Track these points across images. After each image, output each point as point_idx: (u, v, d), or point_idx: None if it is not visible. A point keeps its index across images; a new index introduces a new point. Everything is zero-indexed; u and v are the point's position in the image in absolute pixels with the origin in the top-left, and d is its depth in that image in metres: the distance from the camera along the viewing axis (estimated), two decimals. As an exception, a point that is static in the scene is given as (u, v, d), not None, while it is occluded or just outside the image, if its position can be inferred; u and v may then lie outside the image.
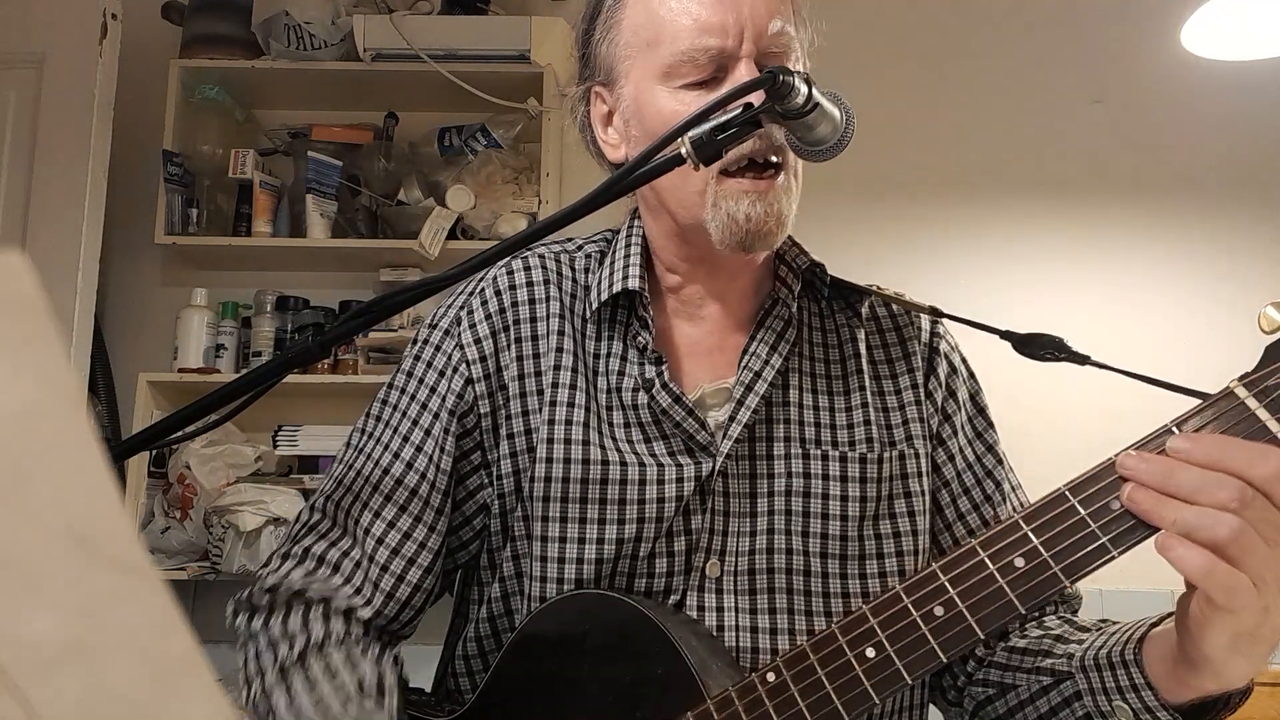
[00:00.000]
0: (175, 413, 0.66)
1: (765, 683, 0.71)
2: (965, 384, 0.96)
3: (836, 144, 0.77)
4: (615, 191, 0.71)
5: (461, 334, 0.91)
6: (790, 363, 0.90)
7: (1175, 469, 0.64)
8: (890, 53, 2.51)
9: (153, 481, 2.28)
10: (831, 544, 0.85)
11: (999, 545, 0.68)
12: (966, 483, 0.92)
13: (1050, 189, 2.46)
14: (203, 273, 2.42)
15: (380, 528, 0.88)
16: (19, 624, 0.23)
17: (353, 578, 0.87)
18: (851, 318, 0.95)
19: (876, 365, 0.93)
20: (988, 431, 0.95)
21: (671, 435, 0.87)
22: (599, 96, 0.93)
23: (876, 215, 2.45)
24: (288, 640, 0.82)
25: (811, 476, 0.86)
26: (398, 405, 0.92)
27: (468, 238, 2.30)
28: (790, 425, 0.88)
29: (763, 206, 0.84)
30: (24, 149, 2.12)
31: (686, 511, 0.84)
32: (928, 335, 0.96)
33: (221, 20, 2.38)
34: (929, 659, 0.67)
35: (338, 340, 0.73)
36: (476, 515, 0.91)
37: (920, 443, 0.90)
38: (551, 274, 0.93)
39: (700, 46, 0.83)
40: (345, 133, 2.40)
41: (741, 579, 0.84)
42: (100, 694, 0.24)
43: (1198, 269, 2.41)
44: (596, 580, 0.83)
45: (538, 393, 0.88)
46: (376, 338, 2.25)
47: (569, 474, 0.85)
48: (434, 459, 0.88)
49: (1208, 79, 2.39)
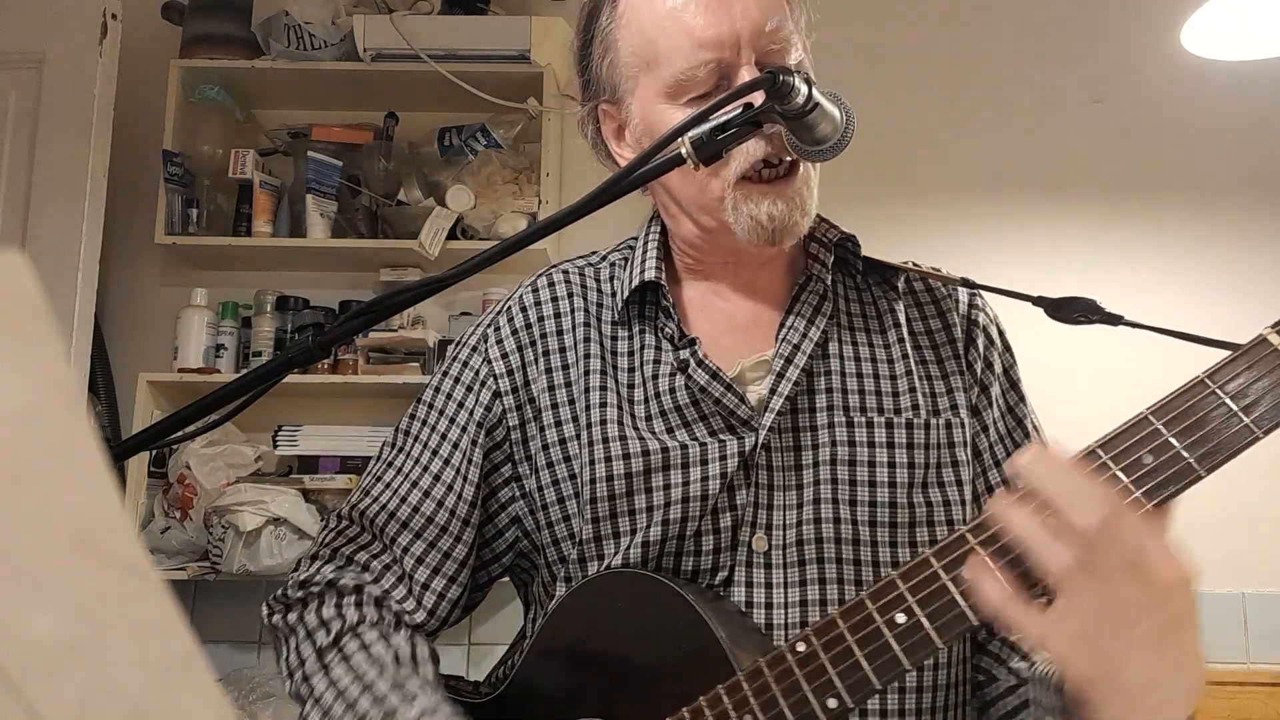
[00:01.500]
0: (175, 413, 0.66)
1: (795, 653, 0.70)
2: (1001, 357, 0.96)
3: (837, 144, 0.77)
4: (615, 191, 0.71)
5: (489, 349, 0.93)
6: (830, 333, 0.90)
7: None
8: (890, 53, 2.51)
9: (153, 481, 2.28)
10: (881, 511, 0.84)
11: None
12: (998, 455, 0.92)
13: (1050, 189, 2.46)
14: (203, 273, 2.42)
15: (406, 538, 0.90)
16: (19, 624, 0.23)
17: (382, 580, 0.90)
18: (888, 291, 0.95)
19: (917, 336, 0.93)
20: (1019, 405, 0.95)
21: (711, 415, 0.86)
22: (607, 114, 0.94)
23: (876, 215, 2.45)
24: (324, 627, 0.85)
25: (858, 444, 0.86)
26: (426, 420, 0.93)
27: (468, 238, 2.30)
28: (834, 394, 0.88)
29: (784, 203, 0.84)
30: (24, 149, 2.12)
31: (731, 488, 0.84)
32: (966, 307, 0.96)
33: (221, 20, 2.38)
34: (960, 622, 0.66)
35: (338, 340, 0.73)
36: (509, 527, 0.92)
37: (965, 413, 0.90)
38: (575, 287, 0.95)
39: (698, 63, 0.83)
40: (345, 133, 2.40)
41: (790, 551, 0.83)
42: (100, 694, 0.24)
43: (1198, 269, 2.41)
44: (644, 564, 0.83)
45: (569, 402, 0.89)
46: (376, 338, 2.24)
47: (612, 472, 0.85)
48: (463, 473, 0.90)
49: (1208, 79, 2.39)
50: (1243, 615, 2.23)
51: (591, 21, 0.93)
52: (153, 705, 0.25)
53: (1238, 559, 2.22)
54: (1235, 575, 2.23)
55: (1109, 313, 0.83)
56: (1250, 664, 2.21)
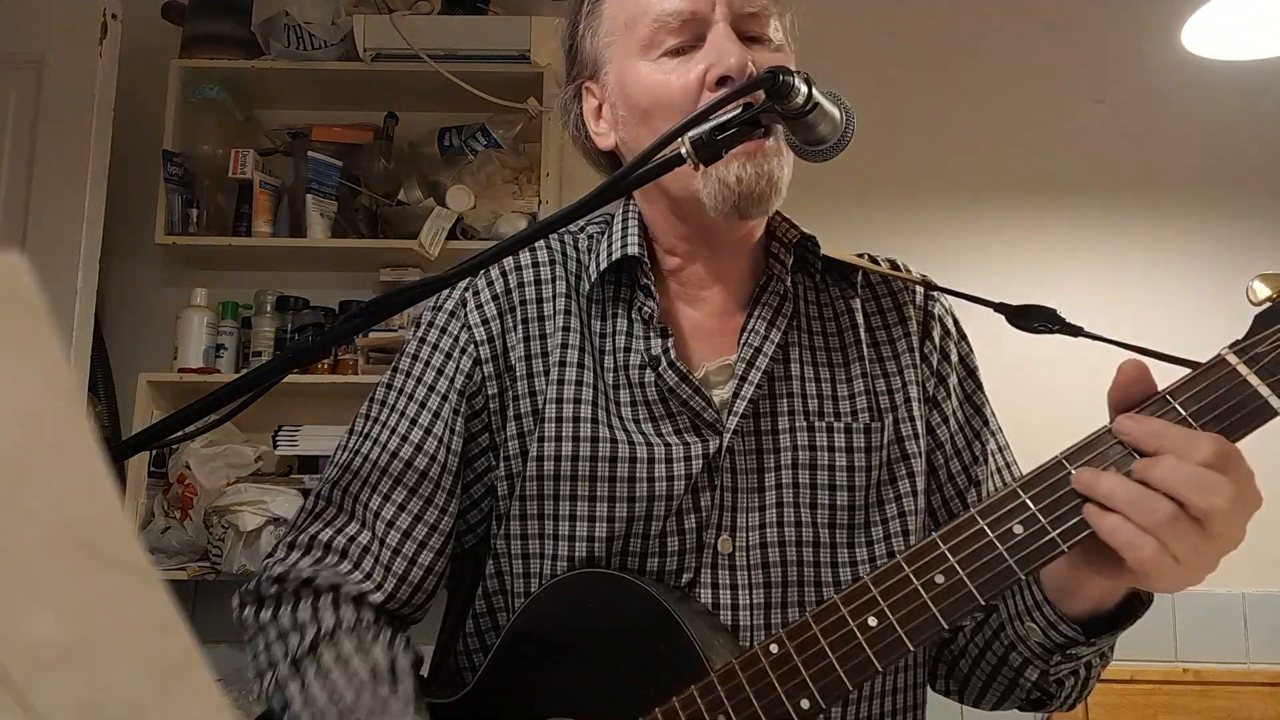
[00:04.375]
0: (175, 413, 0.67)
1: (768, 654, 0.71)
2: (957, 346, 0.97)
3: (837, 144, 0.77)
4: (616, 191, 0.71)
5: (468, 314, 0.90)
6: (790, 337, 0.91)
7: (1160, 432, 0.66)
8: (890, 52, 2.51)
9: (153, 481, 2.28)
10: (840, 514, 0.86)
11: (998, 513, 0.68)
12: (958, 444, 0.94)
13: (1050, 189, 2.46)
14: (203, 273, 2.42)
15: (390, 511, 0.87)
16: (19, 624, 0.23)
17: (361, 563, 0.86)
18: (847, 289, 0.95)
19: (874, 332, 0.94)
20: (976, 393, 0.97)
21: (678, 414, 0.87)
22: (588, 91, 0.94)
23: (875, 215, 2.45)
24: (298, 631, 0.82)
25: (817, 449, 0.87)
26: (403, 389, 0.90)
27: (468, 238, 2.30)
28: (794, 399, 0.89)
29: (753, 167, 0.84)
30: (24, 149, 2.12)
31: (696, 489, 0.84)
32: (922, 298, 0.97)
33: (221, 20, 2.38)
34: (930, 625, 0.68)
35: (338, 340, 0.73)
36: (485, 498, 0.90)
37: (916, 406, 0.91)
38: (556, 254, 0.93)
39: (671, 10, 0.85)
40: (345, 133, 2.40)
41: (754, 553, 0.84)
42: (100, 694, 0.24)
43: (1198, 269, 2.41)
44: (607, 560, 0.83)
45: (544, 373, 0.88)
46: (376, 338, 2.25)
47: (578, 452, 0.85)
48: (444, 440, 0.88)
49: (1208, 79, 2.39)
50: (1243, 615, 2.23)
51: (581, 3, 0.94)
52: (153, 705, 0.25)
53: (1238, 559, 2.20)
54: (1235, 575, 2.22)
55: (1069, 324, 0.84)
56: (1250, 664, 2.21)
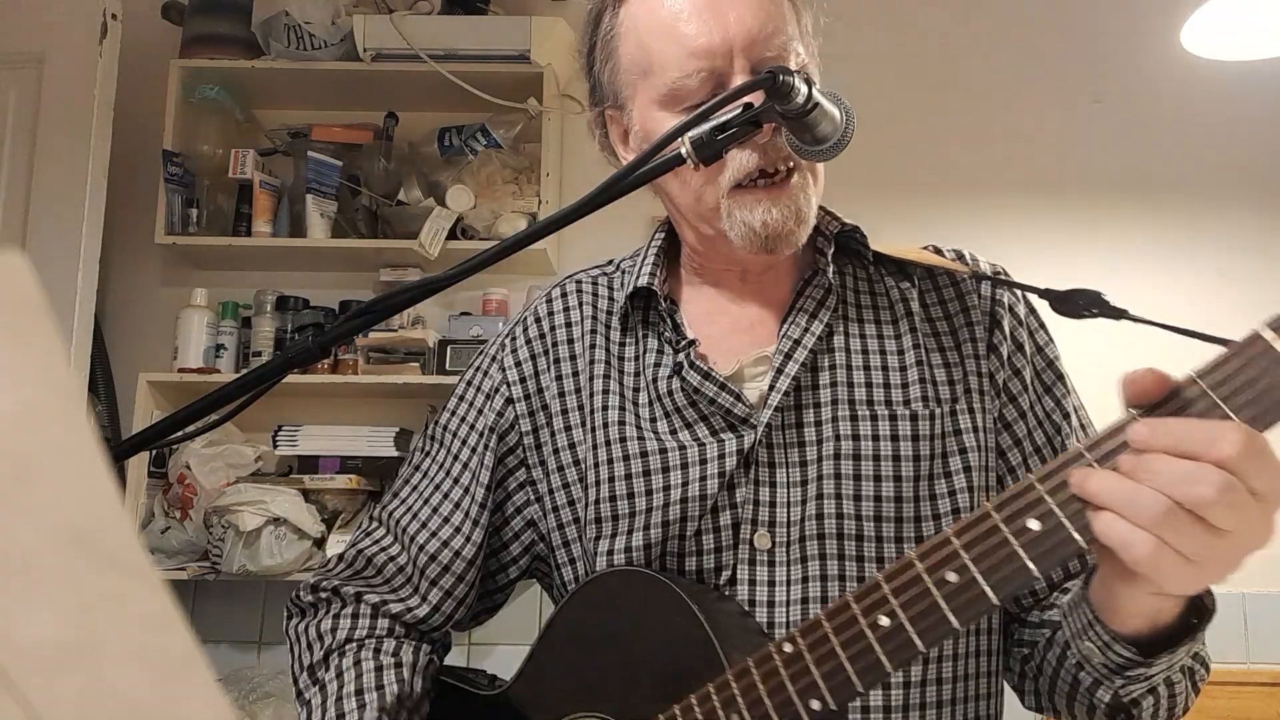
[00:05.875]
0: (175, 413, 0.67)
1: (782, 653, 0.70)
2: (1033, 336, 0.93)
3: (837, 144, 0.77)
4: (615, 192, 0.71)
5: (504, 358, 0.97)
6: (835, 326, 0.90)
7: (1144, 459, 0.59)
8: (890, 52, 2.50)
9: (153, 481, 2.28)
10: (885, 506, 0.83)
11: (1014, 507, 0.63)
12: (1037, 441, 0.90)
13: (1049, 189, 2.46)
14: (203, 273, 2.42)
15: (424, 536, 0.94)
16: (19, 624, 0.23)
17: (393, 580, 0.95)
18: (902, 279, 0.94)
19: (934, 322, 0.92)
20: (1056, 385, 0.92)
21: (710, 415, 0.87)
22: (612, 119, 0.95)
23: (875, 215, 2.44)
24: (320, 640, 0.92)
25: (861, 438, 0.85)
26: (447, 426, 0.99)
27: (468, 238, 2.30)
28: (838, 388, 0.87)
29: (778, 210, 0.84)
30: (24, 149, 2.12)
31: (730, 486, 0.84)
32: (988, 288, 0.93)
33: (221, 20, 2.38)
34: (942, 626, 0.64)
35: (338, 340, 0.73)
36: (524, 530, 0.95)
37: (977, 398, 0.88)
38: (587, 295, 0.98)
39: (690, 71, 0.84)
40: (345, 133, 2.40)
41: (793, 548, 0.83)
42: (100, 694, 0.24)
43: (1197, 269, 2.41)
44: (647, 564, 0.84)
45: (578, 407, 0.92)
46: (376, 338, 2.24)
47: (615, 473, 0.87)
48: (476, 474, 0.94)
49: (1208, 79, 2.39)
50: (1243, 615, 2.23)
51: (595, 28, 0.94)
52: (153, 705, 0.25)
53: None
54: (1235, 575, 2.23)
55: (1114, 306, 0.82)
56: (1250, 664, 2.21)
